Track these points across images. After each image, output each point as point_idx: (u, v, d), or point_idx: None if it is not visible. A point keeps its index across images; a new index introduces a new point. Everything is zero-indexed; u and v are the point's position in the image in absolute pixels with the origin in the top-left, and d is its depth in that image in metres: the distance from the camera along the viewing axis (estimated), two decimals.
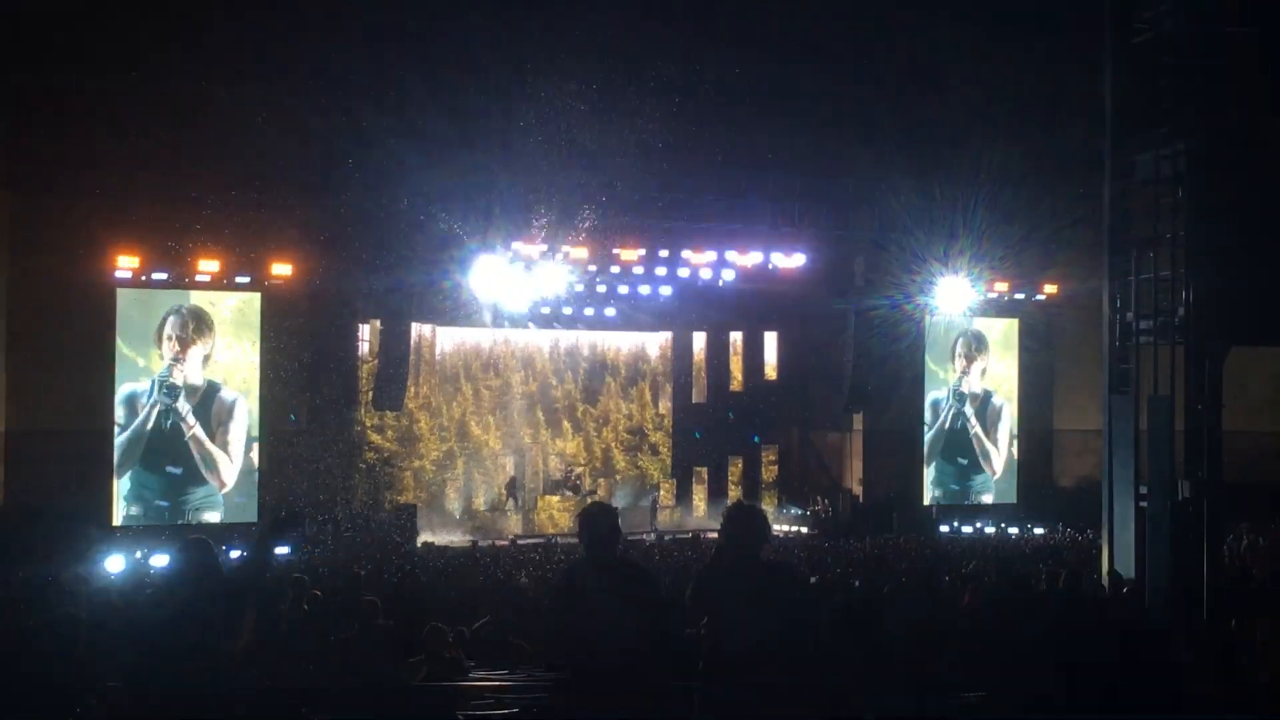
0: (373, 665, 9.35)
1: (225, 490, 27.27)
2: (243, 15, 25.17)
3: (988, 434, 34.01)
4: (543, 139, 26.33)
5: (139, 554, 23.58)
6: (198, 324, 27.02)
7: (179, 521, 26.07)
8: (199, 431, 27.13)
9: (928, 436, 33.39)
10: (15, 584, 17.23)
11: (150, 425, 26.69)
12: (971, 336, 33.87)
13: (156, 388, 26.68)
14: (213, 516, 26.89)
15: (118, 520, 26.17)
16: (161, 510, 26.63)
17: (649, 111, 26.63)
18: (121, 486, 26.51)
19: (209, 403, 27.21)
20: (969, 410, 33.79)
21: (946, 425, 33.55)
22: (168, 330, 26.75)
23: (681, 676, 6.98)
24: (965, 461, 33.79)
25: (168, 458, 26.90)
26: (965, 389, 33.79)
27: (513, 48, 25.69)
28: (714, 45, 26.68)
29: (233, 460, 27.45)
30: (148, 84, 24.98)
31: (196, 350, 27.03)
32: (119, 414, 26.41)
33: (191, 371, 27.02)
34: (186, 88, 25.17)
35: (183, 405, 26.93)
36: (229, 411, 27.41)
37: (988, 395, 34.04)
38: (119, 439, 26.44)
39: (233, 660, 7.05)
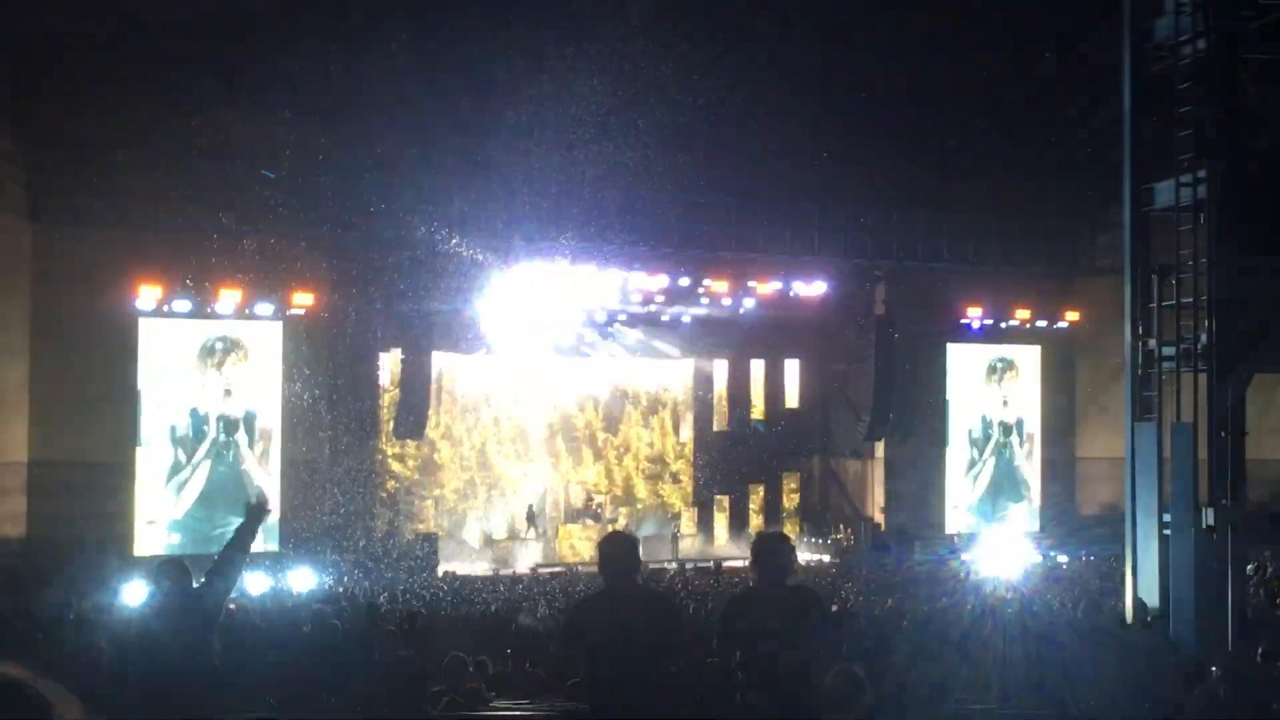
0: (394, 696, 9.33)
1: (274, 519, 27.21)
2: (262, 48, 25.32)
3: (1027, 460, 34.02)
4: (562, 167, 26.40)
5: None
6: (238, 353, 27.16)
7: (211, 549, 25.93)
8: (251, 464, 27.23)
9: (975, 467, 33.38)
10: (37, 615, 17.26)
11: (211, 462, 26.89)
12: (1004, 363, 33.85)
13: (214, 424, 26.86)
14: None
15: (143, 550, 26.14)
16: (206, 540, 26.49)
17: (667, 140, 26.71)
18: (164, 516, 26.57)
19: (252, 431, 27.35)
20: (1011, 438, 33.80)
21: (991, 454, 33.53)
22: (215, 360, 26.92)
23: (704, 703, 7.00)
24: (1007, 489, 33.76)
25: (228, 492, 26.94)
26: (1002, 417, 33.79)
27: (531, 76, 25.77)
28: (733, 73, 26.73)
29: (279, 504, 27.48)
30: (168, 116, 25.17)
31: (238, 380, 27.18)
32: (169, 446, 26.58)
33: (237, 402, 27.18)
34: (207, 120, 25.36)
35: (241, 438, 27.12)
36: (271, 437, 27.55)
37: (1020, 422, 34.01)
38: (179, 476, 26.63)
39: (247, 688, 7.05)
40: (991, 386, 33.86)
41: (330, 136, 26.01)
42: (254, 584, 22.27)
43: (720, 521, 35.33)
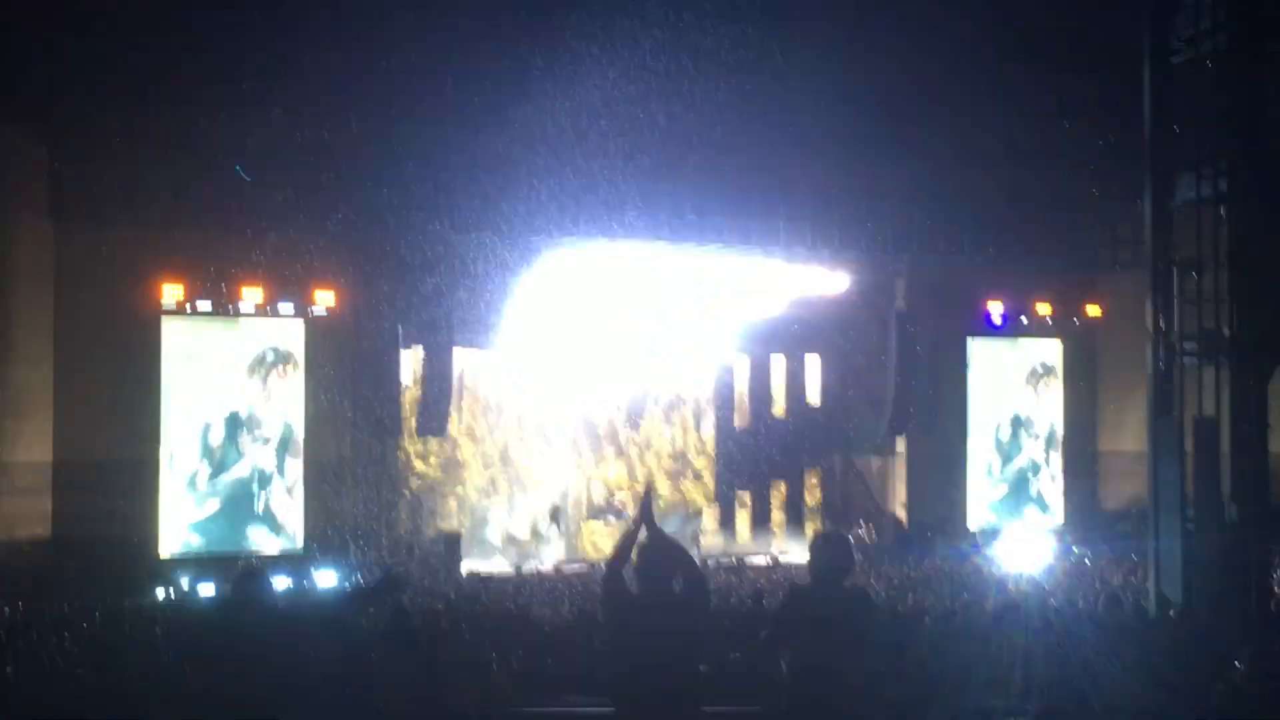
0: (416, 694, 9.37)
1: (298, 541, 27.30)
2: (284, 44, 25.34)
3: (1049, 459, 33.89)
4: (582, 161, 26.36)
5: (185, 584, 23.78)
6: (286, 365, 27.21)
7: (236, 551, 25.97)
8: (279, 485, 27.29)
9: (997, 473, 33.32)
10: (63, 615, 17.37)
11: (243, 472, 26.90)
12: (1039, 363, 33.76)
13: (250, 445, 26.93)
14: (268, 548, 26.87)
15: (168, 552, 26.16)
16: (224, 544, 26.54)
17: (687, 134, 26.67)
18: (189, 517, 26.56)
19: (286, 446, 27.38)
20: (1034, 435, 33.69)
21: (1014, 451, 33.45)
22: (262, 372, 26.99)
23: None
24: (1030, 496, 33.68)
25: (253, 505, 27.03)
26: (1031, 414, 33.66)
27: (550, 66, 25.71)
28: (753, 66, 26.66)
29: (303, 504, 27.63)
30: (190, 112, 25.23)
31: (281, 394, 27.26)
32: (197, 449, 26.55)
33: (277, 418, 27.25)
34: (229, 116, 25.41)
35: (275, 454, 27.15)
36: (300, 450, 27.60)
37: (1051, 433, 33.90)
38: (206, 484, 26.62)
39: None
40: (1028, 392, 33.73)
41: (350, 132, 26.02)
42: (277, 584, 22.37)
43: (742, 518, 35.29)
